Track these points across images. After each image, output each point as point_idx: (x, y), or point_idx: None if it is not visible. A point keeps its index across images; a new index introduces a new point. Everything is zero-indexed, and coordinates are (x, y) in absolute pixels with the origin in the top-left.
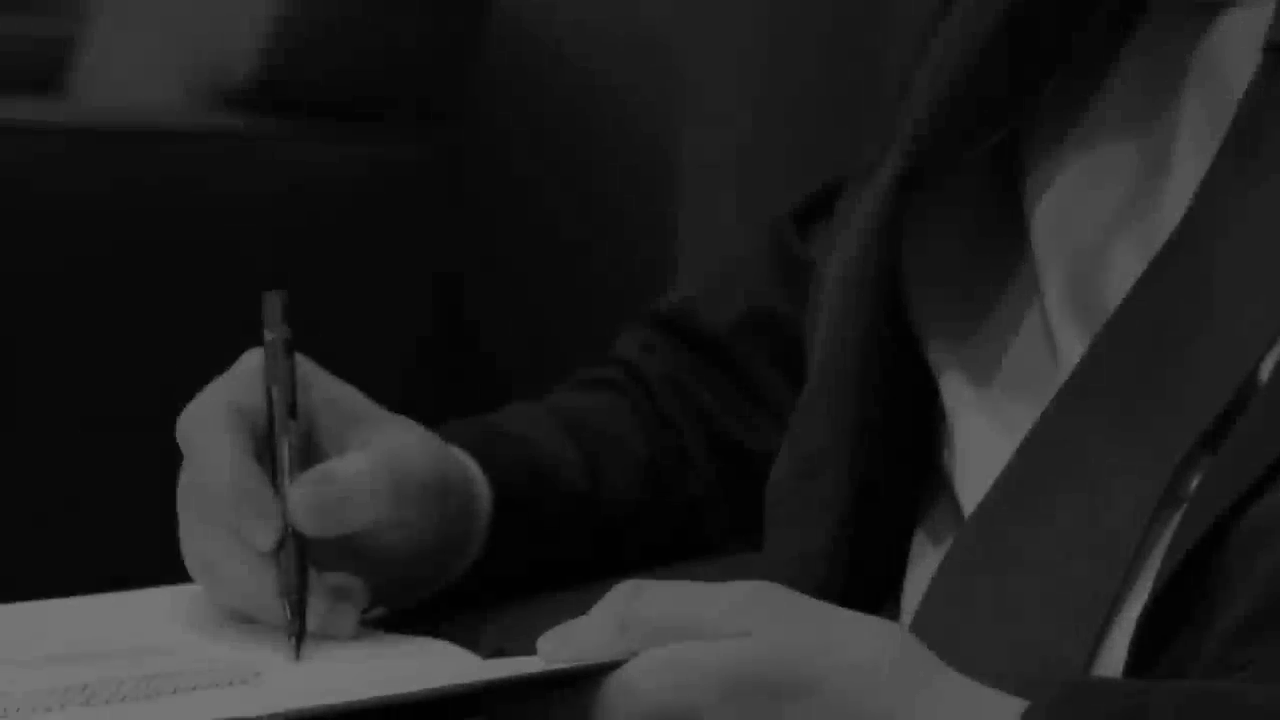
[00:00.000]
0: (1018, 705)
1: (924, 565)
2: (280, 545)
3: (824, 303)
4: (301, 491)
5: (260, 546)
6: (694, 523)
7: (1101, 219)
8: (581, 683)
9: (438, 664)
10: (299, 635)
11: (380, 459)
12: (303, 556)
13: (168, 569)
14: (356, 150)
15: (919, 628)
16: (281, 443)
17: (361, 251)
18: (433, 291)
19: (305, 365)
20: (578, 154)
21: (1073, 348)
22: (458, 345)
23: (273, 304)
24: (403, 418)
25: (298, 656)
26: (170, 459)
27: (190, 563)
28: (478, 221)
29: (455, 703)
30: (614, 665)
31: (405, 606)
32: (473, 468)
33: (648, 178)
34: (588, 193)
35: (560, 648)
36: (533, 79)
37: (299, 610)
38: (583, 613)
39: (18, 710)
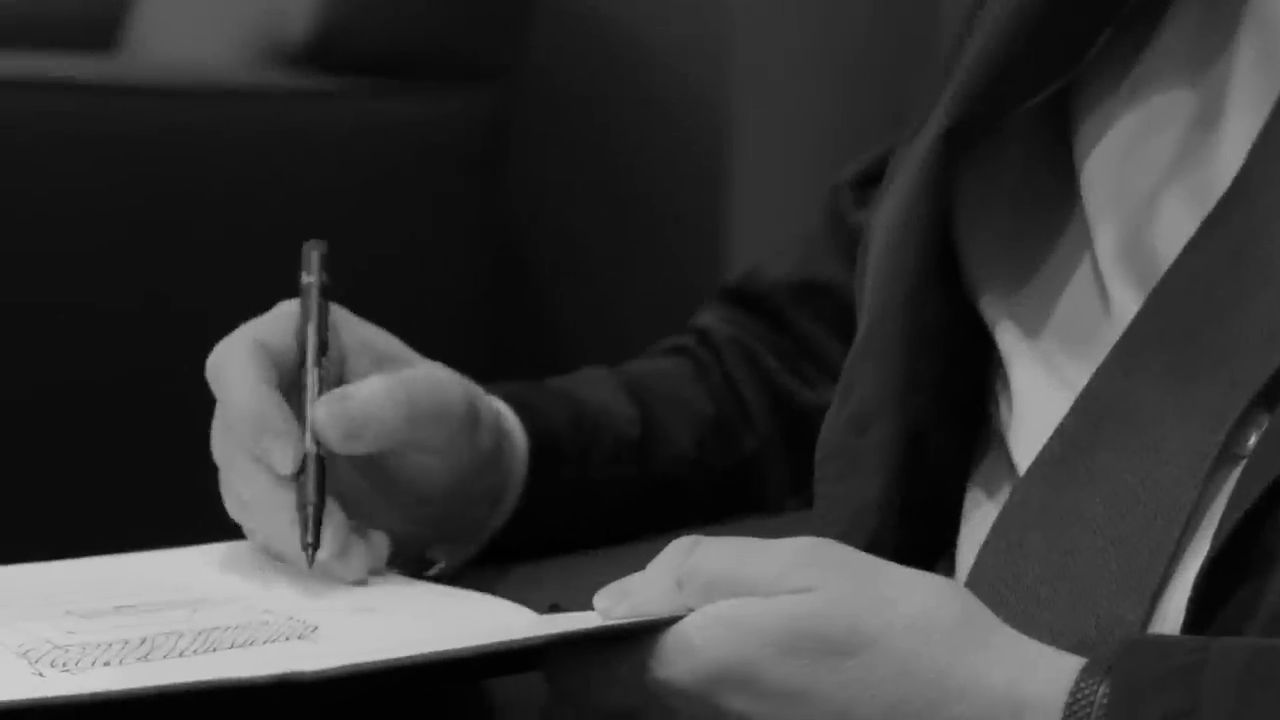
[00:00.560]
0: (1075, 662)
1: (977, 519)
2: (300, 470)
3: (870, 262)
4: (325, 408)
5: (279, 468)
6: (755, 482)
7: (1153, 170)
8: (638, 638)
9: (494, 620)
10: (313, 547)
11: (397, 380)
12: (322, 477)
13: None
14: (410, 108)
15: (974, 584)
16: (311, 373)
17: (414, 209)
18: (484, 249)
19: (338, 311)
20: (629, 111)
21: (1125, 299)
22: (510, 301)
23: (310, 252)
24: (435, 362)
25: (310, 565)
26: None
27: (227, 502)
28: (529, 179)
29: (511, 658)
30: (671, 621)
31: (455, 562)
32: (509, 416)
33: (699, 136)
34: (639, 149)
35: (617, 604)
36: (584, 37)
37: (315, 524)
38: (639, 569)
39: (77, 663)
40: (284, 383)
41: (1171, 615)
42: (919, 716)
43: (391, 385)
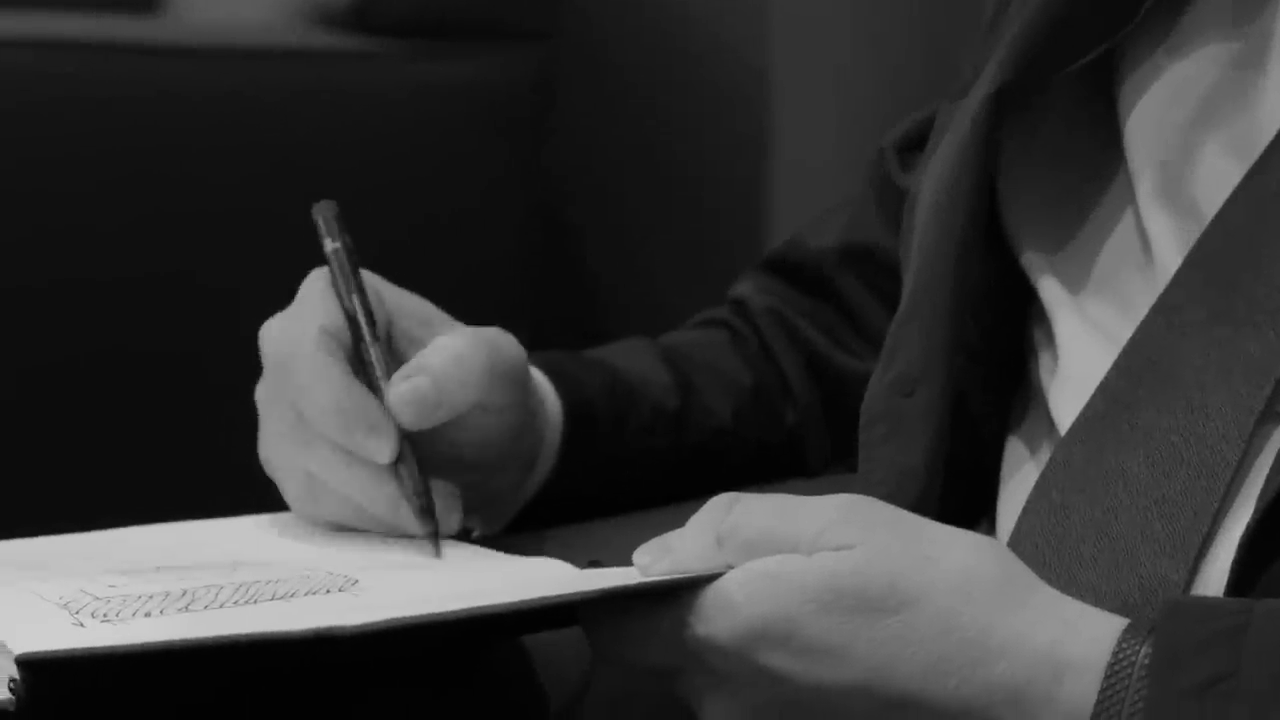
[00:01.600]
0: (1116, 623)
1: (1017, 480)
2: (399, 456)
3: (918, 221)
4: (400, 389)
5: (380, 459)
6: (794, 451)
7: (1196, 121)
8: (678, 595)
9: (534, 575)
10: (435, 534)
11: (470, 341)
12: (419, 460)
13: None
14: (451, 70)
15: (1017, 543)
16: (372, 348)
17: (455, 171)
18: (524, 213)
19: (370, 276)
20: (671, 74)
21: (1167, 252)
22: (549, 265)
23: (326, 215)
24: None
25: (438, 554)
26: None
27: (287, 485)
28: (569, 143)
29: (552, 613)
30: (711, 578)
31: (490, 530)
32: (543, 382)
33: (741, 99)
34: (681, 112)
35: (657, 560)
36: (625, 2)
37: (430, 510)
38: (677, 527)
39: (118, 615)
40: (351, 363)
41: (1215, 576)
42: (959, 675)
43: (463, 350)
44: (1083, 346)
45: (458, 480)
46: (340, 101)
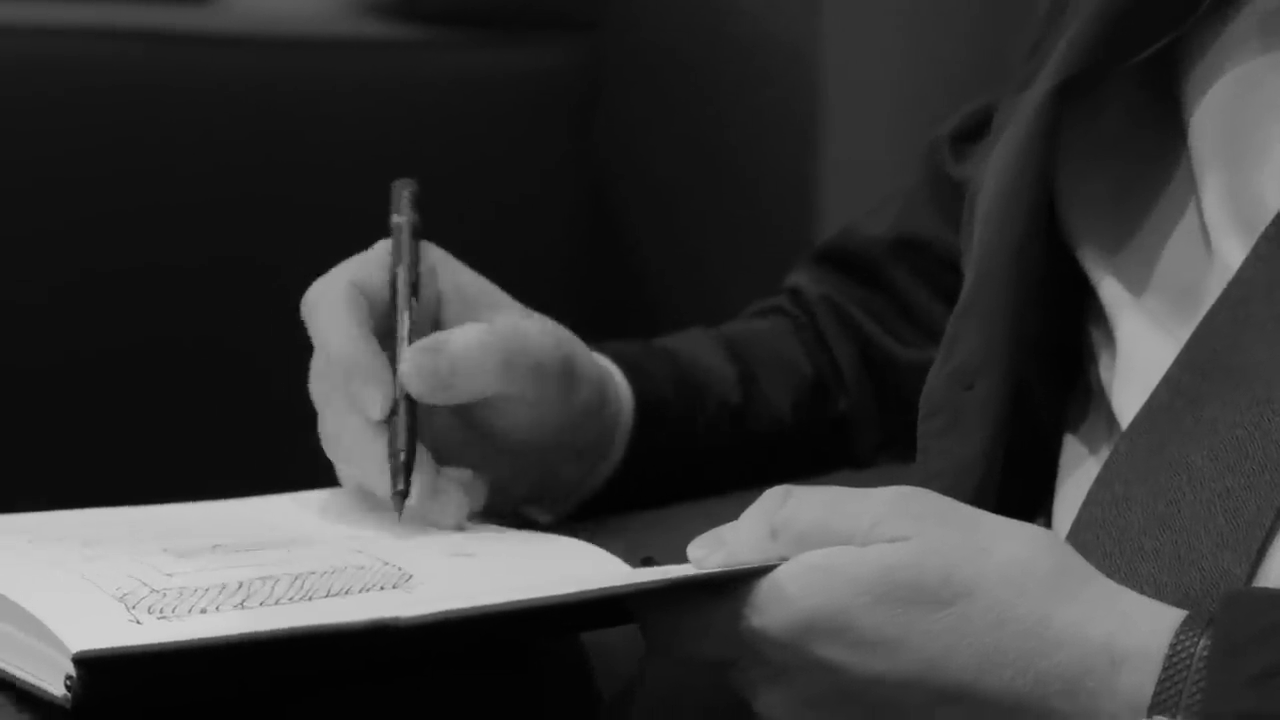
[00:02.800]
0: (1173, 615)
1: (1076, 477)
2: (392, 412)
3: (979, 215)
4: (413, 357)
5: (370, 413)
6: (844, 440)
7: (1262, 118)
8: (732, 588)
9: (588, 568)
10: (403, 495)
11: (495, 332)
12: (413, 424)
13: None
14: (502, 60)
15: (1078, 534)
16: (402, 317)
17: (506, 161)
18: (576, 202)
19: (435, 252)
20: (721, 62)
21: (1230, 250)
22: (601, 255)
23: (400, 192)
24: (534, 311)
25: (399, 513)
26: None
27: (324, 440)
28: (620, 132)
29: (606, 609)
30: (765, 570)
31: (560, 513)
32: (615, 372)
33: (791, 89)
34: (730, 101)
35: (711, 553)
36: None
37: (405, 471)
38: (731, 519)
39: (174, 610)
40: (379, 324)
41: (1276, 570)
42: (1014, 666)
43: (485, 338)
44: (1146, 346)
45: (514, 465)
46: (389, 90)
